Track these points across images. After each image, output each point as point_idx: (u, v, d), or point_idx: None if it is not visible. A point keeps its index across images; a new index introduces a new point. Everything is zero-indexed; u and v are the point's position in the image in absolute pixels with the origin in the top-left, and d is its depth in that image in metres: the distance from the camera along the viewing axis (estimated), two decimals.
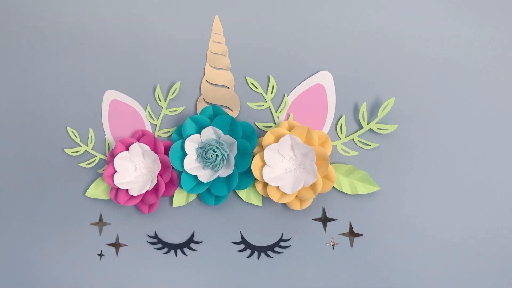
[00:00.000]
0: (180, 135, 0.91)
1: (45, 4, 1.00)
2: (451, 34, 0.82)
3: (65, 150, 0.99)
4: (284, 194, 0.84)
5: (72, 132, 0.99)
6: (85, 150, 0.99)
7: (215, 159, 0.86)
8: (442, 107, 0.82)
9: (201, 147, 0.88)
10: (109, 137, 0.98)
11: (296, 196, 0.84)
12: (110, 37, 0.97)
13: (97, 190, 0.98)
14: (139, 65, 0.96)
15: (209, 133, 0.87)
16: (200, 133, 0.88)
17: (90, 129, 0.99)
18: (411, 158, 0.84)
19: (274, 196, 0.84)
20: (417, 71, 0.83)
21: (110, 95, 0.98)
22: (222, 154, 0.85)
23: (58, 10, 0.99)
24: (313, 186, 0.81)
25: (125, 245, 0.98)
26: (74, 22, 0.98)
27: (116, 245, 0.99)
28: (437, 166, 0.83)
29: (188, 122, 0.89)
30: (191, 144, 0.89)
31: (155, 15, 0.94)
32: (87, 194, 0.98)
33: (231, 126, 0.87)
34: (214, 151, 0.86)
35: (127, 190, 0.92)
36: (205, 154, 0.86)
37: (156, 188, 0.90)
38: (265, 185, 0.86)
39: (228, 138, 0.86)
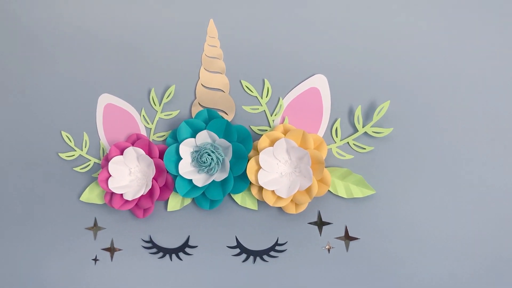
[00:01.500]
0: (175, 139, 0.91)
1: (41, 8, 0.99)
2: (447, 37, 0.82)
3: (60, 154, 0.99)
4: (279, 198, 0.83)
5: (67, 136, 0.99)
6: (80, 154, 0.99)
7: (210, 163, 0.85)
8: (438, 110, 0.82)
9: (196, 151, 0.88)
10: (103, 141, 0.97)
11: (292, 200, 0.84)
12: (105, 40, 0.96)
13: (91, 195, 0.98)
14: (134, 69, 0.95)
15: (204, 136, 0.87)
16: (195, 137, 0.88)
17: (85, 133, 0.98)
18: (406, 162, 0.83)
19: (270, 200, 0.84)
20: (413, 74, 0.83)
21: (105, 99, 0.97)
22: (217, 158, 0.85)
23: (54, 13, 0.99)
24: (308, 190, 0.81)
25: (119, 249, 0.98)
26: (69, 25, 0.98)
27: (111, 250, 0.98)
28: (433, 169, 0.83)
29: (183, 126, 0.89)
30: (186, 148, 0.88)
31: (150, 18, 0.94)
32: (81, 198, 0.98)
33: (226, 130, 0.86)
34: (209, 154, 0.85)
35: (121, 195, 0.92)
36: (200, 158, 0.86)
37: (150, 193, 0.89)
38: (260, 189, 0.85)
39: (223, 141, 0.86)
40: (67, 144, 0.99)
